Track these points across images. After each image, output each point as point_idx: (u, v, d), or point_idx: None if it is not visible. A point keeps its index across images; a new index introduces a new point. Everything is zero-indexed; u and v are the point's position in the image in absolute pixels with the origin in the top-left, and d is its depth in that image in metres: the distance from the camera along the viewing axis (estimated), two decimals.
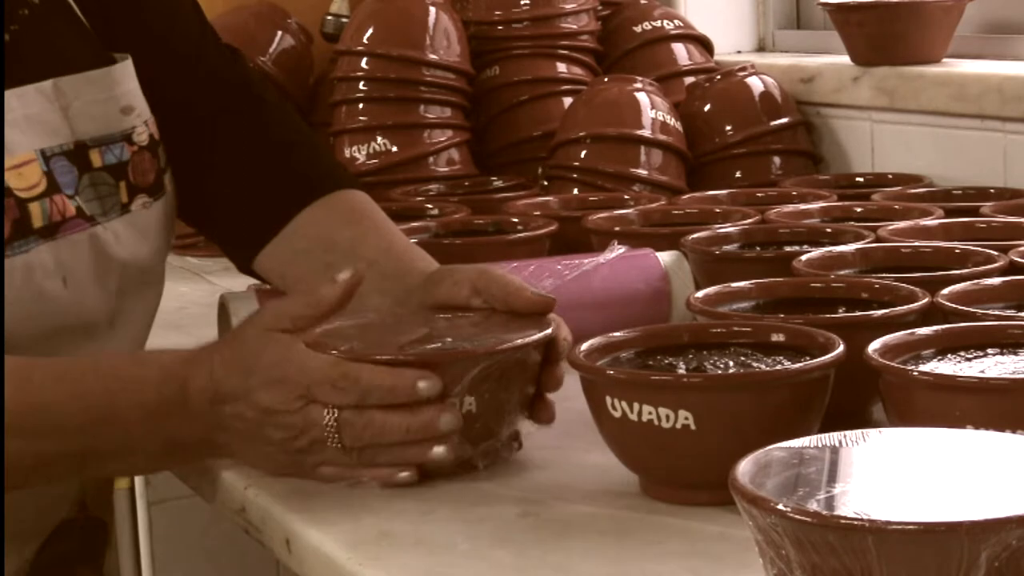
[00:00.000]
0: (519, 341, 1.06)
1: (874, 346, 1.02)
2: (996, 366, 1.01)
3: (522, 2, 2.12)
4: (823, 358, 1.02)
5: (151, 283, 1.27)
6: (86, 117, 1.19)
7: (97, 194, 1.19)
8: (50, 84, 1.17)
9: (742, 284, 1.23)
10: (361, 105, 2.06)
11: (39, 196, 1.15)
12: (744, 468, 0.77)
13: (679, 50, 2.17)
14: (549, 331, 1.09)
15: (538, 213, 1.70)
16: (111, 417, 1.06)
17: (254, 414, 1.04)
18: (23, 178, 1.14)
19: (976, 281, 1.20)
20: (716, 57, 2.21)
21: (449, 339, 1.08)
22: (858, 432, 0.82)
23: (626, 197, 1.80)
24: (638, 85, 1.97)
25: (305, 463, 1.06)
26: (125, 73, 1.23)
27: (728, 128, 2.01)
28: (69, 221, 1.16)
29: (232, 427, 1.06)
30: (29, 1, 1.19)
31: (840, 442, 0.81)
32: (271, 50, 2.17)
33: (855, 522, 0.70)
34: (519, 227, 1.62)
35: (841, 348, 1.03)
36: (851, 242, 1.40)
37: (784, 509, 0.72)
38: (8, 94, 1.14)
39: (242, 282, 1.41)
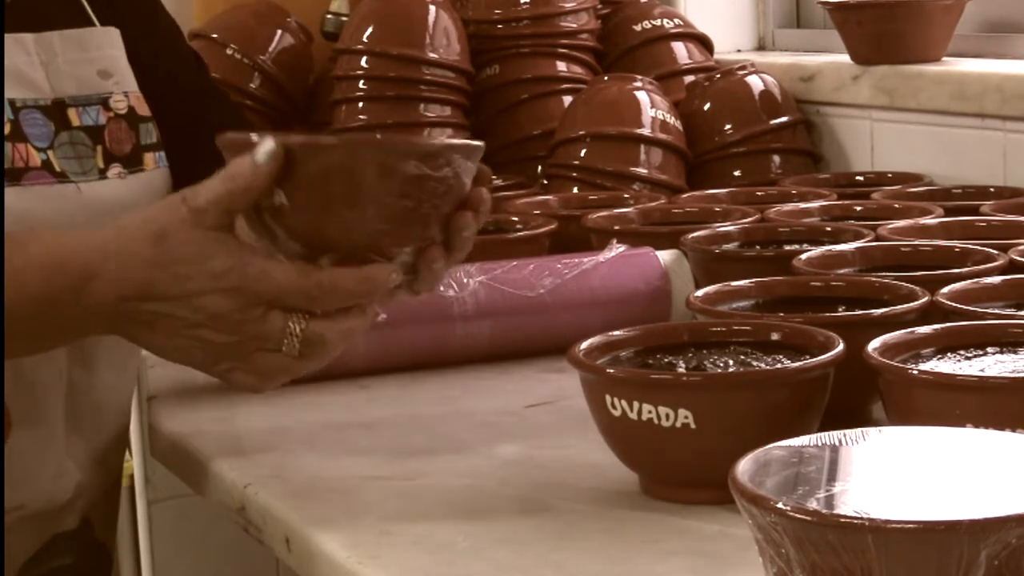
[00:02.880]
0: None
1: (874, 345, 1.02)
2: (996, 365, 1.01)
3: (522, 1, 2.12)
4: (823, 357, 1.02)
5: None
6: (65, 75, 1.18)
7: (76, 153, 1.17)
8: (31, 38, 1.16)
9: (742, 283, 1.23)
10: (361, 104, 2.05)
11: (4, 139, 1.13)
12: (744, 467, 0.77)
13: (679, 49, 2.17)
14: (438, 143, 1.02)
15: (538, 212, 1.70)
16: None
17: (194, 316, 0.99)
18: None
19: (976, 280, 1.20)
20: (716, 56, 2.21)
21: None
22: (858, 431, 0.82)
23: (626, 196, 1.80)
24: (638, 84, 1.97)
25: (222, 365, 1.02)
26: (105, 38, 1.22)
27: (728, 127, 2.00)
28: (32, 171, 1.14)
29: (150, 323, 1.00)
30: None
31: (840, 441, 0.81)
32: (271, 49, 2.16)
33: (855, 521, 0.70)
34: (519, 226, 1.62)
35: (841, 347, 1.03)
36: (851, 241, 1.40)
37: (784, 508, 0.72)
38: None
39: None
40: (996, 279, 1.20)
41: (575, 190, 1.90)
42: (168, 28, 1.32)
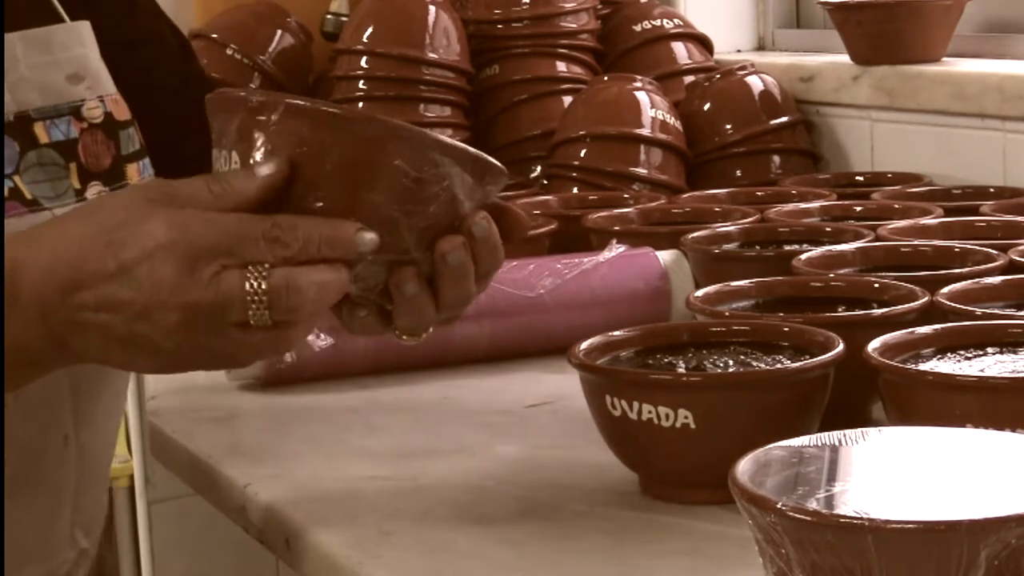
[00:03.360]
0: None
1: (874, 345, 1.02)
2: (996, 365, 1.01)
3: (522, 1, 2.12)
4: (823, 357, 1.02)
5: None
6: (29, 84, 1.01)
7: (47, 175, 1.01)
8: None
9: (742, 283, 1.23)
10: (361, 104, 2.05)
11: None
12: (744, 467, 0.77)
13: (679, 49, 2.17)
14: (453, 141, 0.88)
15: (538, 212, 1.70)
16: None
17: (137, 296, 0.83)
18: None
19: (976, 280, 1.20)
20: (716, 56, 2.21)
21: None
22: (858, 431, 0.82)
23: (626, 196, 1.80)
24: (638, 84, 1.98)
25: (200, 352, 0.85)
26: (73, 36, 1.04)
27: (728, 127, 2.00)
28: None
29: (94, 323, 0.84)
30: None
31: (840, 441, 0.81)
32: (271, 49, 2.17)
33: (854, 521, 0.70)
34: None
35: (841, 347, 1.03)
36: (851, 241, 1.40)
37: (784, 508, 0.72)
38: None
39: None
40: (996, 279, 1.20)
41: (575, 190, 1.91)
42: (146, 9, 1.17)
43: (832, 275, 1.27)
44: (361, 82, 2.05)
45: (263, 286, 0.82)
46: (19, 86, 1.00)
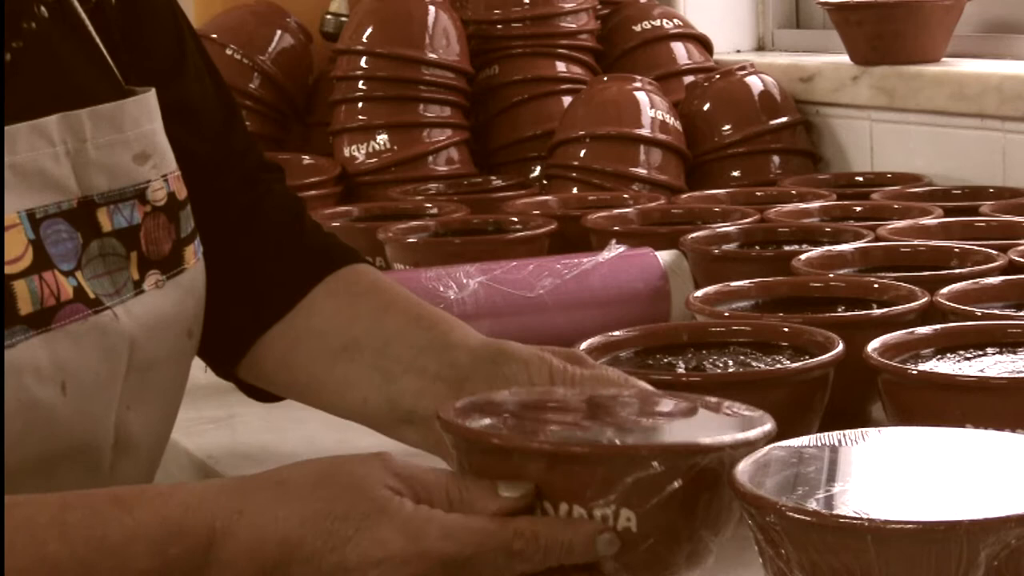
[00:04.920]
0: (708, 441, 0.78)
1: (873, 345, 1.02)
2: (995, 365, 1.01)
3: (522, 1, 2.12)
4: (822, 357, 1.02)
5: (167, 391, 0.98)
6: (95, 165, 0.90)
7: (107, 267, 0.91)
8: (54, 120, 0.88)
9: (741, 283, 1.23)
10: (360, 104, 2.06)
11: (25, 272, 0.85)
12: (743, 467, 0.77)
13: (678, 49, 2.17)
14: (766, 428, 0.80)
15: (537, 212, 1.69)
16: None
17: None
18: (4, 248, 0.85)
19: (975, 280, 1.20)
20: (715, 56, 2.21)
21: (609, 430, 0.80)
22: (857, 431, 0.82)
23: (625, 196, 1.80)
24: (637, 84, 1.97)
25: None
26: (143, 109, 0.94)
27: (727, 127, 2.00)
28: (66, 306, 0.87)
29: None
30: (37, 13, 0.92)
31: (839, 441, 0.81)
32: (270, 49, 2.17)
33: (854, 521, 0.70)
34: (518, 226, 1.62)
35: (840, 347, 1.03)
36: (850, 241, 1.40)
37: (783, 508, 0.72)
38: None
39: None
40: (996, 279, 1.20)
41: (575, 190, 1.90)
42: (195, 71, 1.06)
43: (832, 275, 1.27)
44: (361, 82, 2.05)
45: None
46: (86, 168, 0.90)
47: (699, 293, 1.22)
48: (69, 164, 0.89)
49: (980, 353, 1.03)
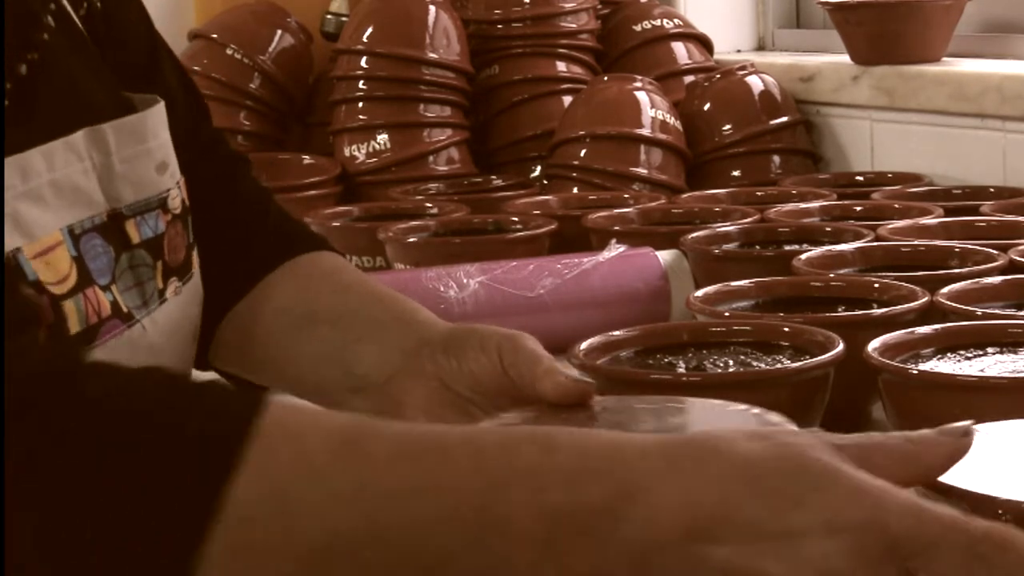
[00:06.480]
0: None
1: (874, 345, 1.02)
2: (996, 365, 1.01)
3: (522, 1, 2.12)
4: (823, 357, 1.02)
5: None
6: (121, 179, 0.90)
7: (136, 279, 0.90)
8: (81, 136, 0.87)
9: (742, 283, 1.23)
10: (361, 104, 2.06)
11: (72, 292, 0.84)
12: None
13: (679, 49, 2.17)
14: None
15: (537, 212, 1.70)
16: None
17: (780, 574, 0.59)
18: (51, 268, 0.82)
19: (976, 280, 1.20)
20: (716, 56, 2.21)
21: None
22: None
23: (626, 196, 1.80)
24: (638, 84, 1.98)
25: None
26: (159, 120, 0.93)
27: (727, 127, 2.00)
28: (106, 323, 0.85)
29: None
30: (46, 23, 0.89)
31: None
32: (271, 49, 2.17)
33: None
34: (518, 226, 1.62)
35: (841, 347, 1.03)
36: (851, 241, 1.40)
37: None
38: (31, 154, 0.83)
39: None
40: (996, 279, 1.20)
41: (575, 190, 1.90)
42: (170, 67, 1.04)
43: (832, 275, 1.27)
44: (361, 82, 2.06)
45: None
46: (111, 181, 0.89)
47: (699, 293, 1.22)
48: (96, 178, 0.88)
49: (980, 353, 1.03)
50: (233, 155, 1.09)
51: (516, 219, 1.64)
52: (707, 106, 2.03)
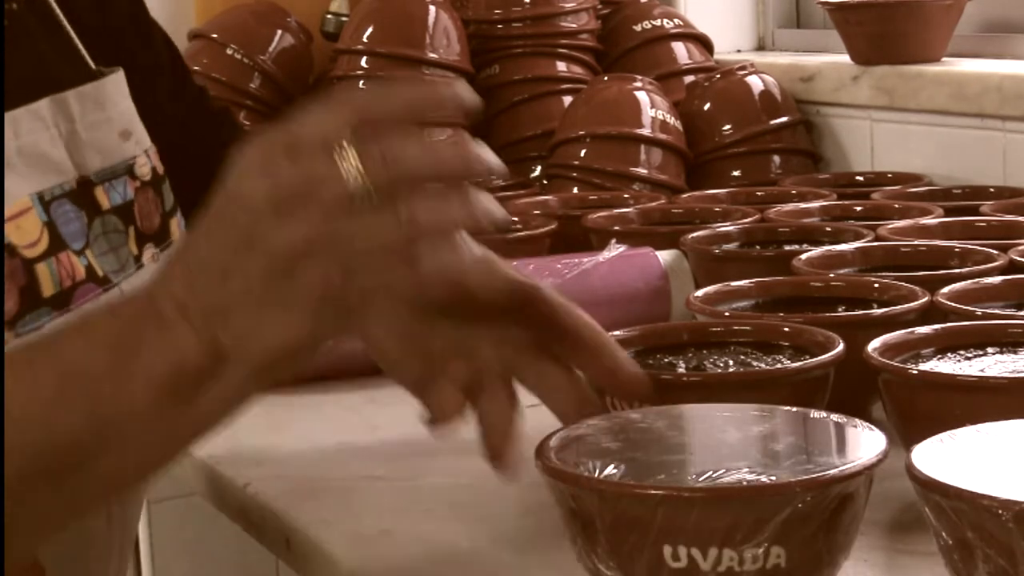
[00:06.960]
0: (852, 468, 0.77)
1: (874, 345, 1.02)
2: (996, 365, 1.01)
3: (522, 1, 2.12)
4: (823, 357, 1.02)
5: None
6: (87, 145, 0.92)
7: (110, 244, 0.93)
8: (46, 104, 0.90)
9: (742, 283, 1.23)
10: None
11: (44, 255, 0.87)
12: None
13: (679, 49, 2.17)
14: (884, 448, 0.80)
15: (538, 212, 1.70)
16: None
17: (232, 221, 0.71)
18: (23, 232, 0.86)
19: (976, 280, 1.20)
20: (716, 56, 2.21)
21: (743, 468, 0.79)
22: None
23: (626, 196, 1.80)
24: (638, 84, 1.98)
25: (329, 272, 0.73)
26: (118, 88, 0.96)
27: (728, 127, 2.01)
28: (81, 286, 0.89)
29: (231, 291, 0.71)
30: None
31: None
32: (271, 49, 2.17)
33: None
34: (519, 226, 1.62)
35: (841, 347, 1.03)
36: (851, 241, 1.40)
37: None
38: None
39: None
40: (996, 279, 1.20)
41: (575, 190, 1.91)
42: (159, 35, 1.08)
43: (832, 275, 1.27)
44: (361, 82, 2.05)
45: (352, 155, 0.71)
46: (79, 148, 0.91)
47: (699, 293, 1.22)
48: (63, 145, 0.90)
49: (980, 353, 1.03)
50: (217, 111, 1.13)
51: (516, 219, 1.64)
52: (707, 106, 2.03)
